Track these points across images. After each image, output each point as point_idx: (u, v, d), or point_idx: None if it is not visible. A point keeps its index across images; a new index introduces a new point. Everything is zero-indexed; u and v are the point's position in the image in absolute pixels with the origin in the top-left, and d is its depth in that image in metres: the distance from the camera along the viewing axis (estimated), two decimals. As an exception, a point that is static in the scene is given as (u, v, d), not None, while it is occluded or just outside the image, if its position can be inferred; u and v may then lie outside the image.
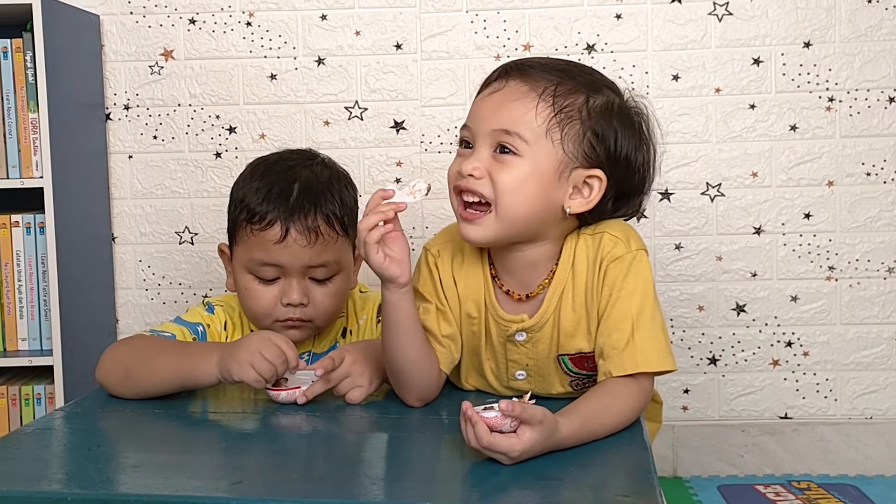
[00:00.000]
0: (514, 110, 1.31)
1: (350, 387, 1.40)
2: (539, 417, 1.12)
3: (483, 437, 1.10)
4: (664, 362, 1.32)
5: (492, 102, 1.34)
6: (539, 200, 1.32)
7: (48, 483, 1.08)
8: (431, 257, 1.44)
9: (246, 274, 1.53)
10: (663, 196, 2.22)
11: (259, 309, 1.53)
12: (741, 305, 2.24)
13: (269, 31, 2.22)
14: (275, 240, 1.48)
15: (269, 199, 1.50)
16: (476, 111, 1.36)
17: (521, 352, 1.41)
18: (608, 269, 1.35)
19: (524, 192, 1.31)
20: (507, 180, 1.30)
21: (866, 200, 2.21)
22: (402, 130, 2.23)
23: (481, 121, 1.33)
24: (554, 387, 1.44)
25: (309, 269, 1.51)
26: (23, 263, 2.04)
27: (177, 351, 1.44)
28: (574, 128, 1.32)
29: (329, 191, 1.53)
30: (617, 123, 1.35)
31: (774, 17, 2.18)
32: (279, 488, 1.05)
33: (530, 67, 1.35)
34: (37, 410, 2.03)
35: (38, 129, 2.00)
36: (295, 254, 1.49)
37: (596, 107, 1.34)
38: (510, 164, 1.30)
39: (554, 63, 1.37)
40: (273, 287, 1.52)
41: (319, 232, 1.49)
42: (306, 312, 1.52)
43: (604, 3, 2.18)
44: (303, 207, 1.49)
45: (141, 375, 1.42)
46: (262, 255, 1.50)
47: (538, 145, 1.30)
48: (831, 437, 2.24)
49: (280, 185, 1.51)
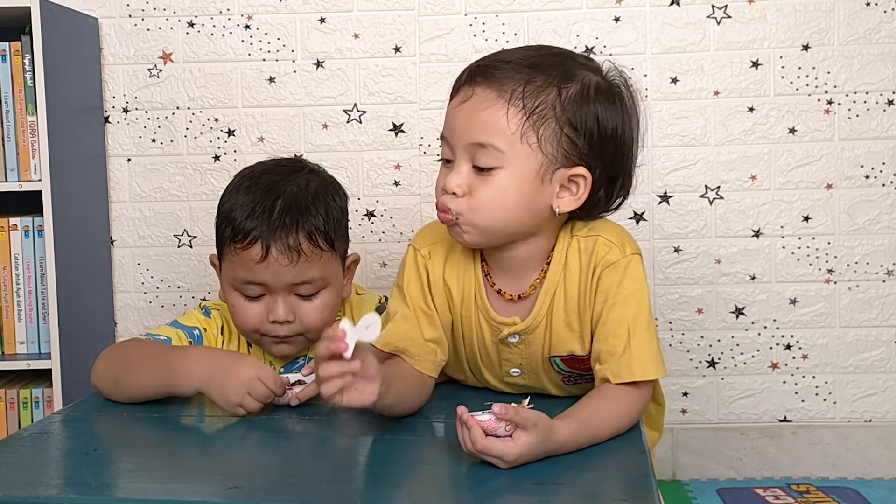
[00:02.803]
0: (485, 120, 1.27)
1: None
2: (533, 421, 1.12)
3: (478, 441, 1.09)
4: (657, 370, 1.32)
5: (463, 114, 1.29)
6: (523, 208, 1.30)
7: (45, 488, 1.08)
8: (421, 258, 1.41)
9: (232, 290, 1.52)
10: (662, 199, 2.22)
11: (246, 325, 1.52)
12: (740, 308, 2.23)
13: (268, 34, 2.22)
14: (256, 259, 1.46)
15: (252, 216, 1.47)
16: (450, 123, 1.32)
17: (515, 352, 1.41)
18: (603, 275, 1.34)
19: (506, 203, 1.29)
20: (488, 196, 1.28)
21: (865, 203, 2.21)
22: (400, 133, 2.23)
23: (457, 134, 1.30)
24: (547, 383, 1.44)
25: (293, 287, 1.49)
26: (21, 266, 2.04)
27: (162, 366, 1.40)
28: (549, 127, 1.27)
29: (314, 204, 1.50)
30: (596, 105, 1.30)
31: (773, 20, 2.18)
32: (275, 493, 1.05)
33: (496, 69, 1.29)
34: (35, 414, 2.03)
35: (36, 132, 2.00)
36: (277, 272, 1.47)
37: (570, 97, 1.29)
38: (490, 177, 1.28)
39: (523, 57, 1.31)
40: (259, 304, 1.50)
41: (301, 250, 1.46)
42: (293, 328, 1.50)
43: (602, 6, 2.18)
44: (284, 225, 1.46)
45: (129, 386, 1.42)
46: (245, 273, 1.48)
47: (515, 152, 1.27)
48: (830, 441, 2.24)
49: (263, 202, 1.48)
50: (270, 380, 1.35)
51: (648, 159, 2.20)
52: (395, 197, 2.24)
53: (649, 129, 2.20)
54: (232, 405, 1.35)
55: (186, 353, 1.43)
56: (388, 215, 2.24)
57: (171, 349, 1.46)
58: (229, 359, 1.39)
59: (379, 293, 1.74)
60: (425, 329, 1.38)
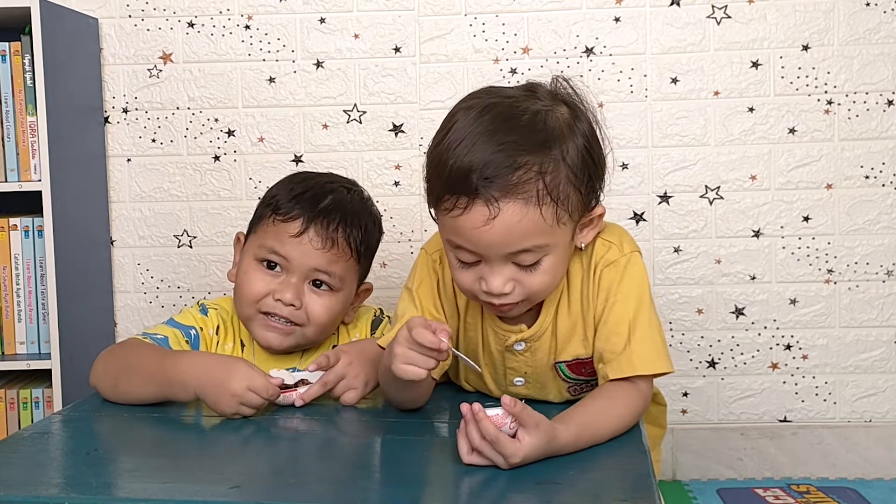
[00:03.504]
0: (521, 230, 1.22)
1: (345, 389, 1.41)
2: (536, 421, 1.12)
3: (490, 432, 1.09)
4: (661, 364, 1.32)
5: (495, 232, 1.22)
6: (565, 266, 1.33)
7: (45, 488, 1.08)
8: (432, 262, 1.43)
9: (252, 259, 1.54)
10: (662, 199, 2.22)
11: (250, 295, 1.52)
12: (740, 308, 2.23)
13: (268, 35, 2.22)
14: (293, 233, 1.49)
15: (300, 199, 1.52)
16: (475, 239, 1.23)
17: (520, 360, 1.40)
18: (603, 274, 1.34)
19: (556, 276, 1.31)
20: (541, 281, 1.28)
21: (865, 203, 2.21)
22: (400, 133, 2.23)
23: (491, 250, 1.24)
24: (551, 393, 1.43)
25: (313, 272, 1.51)
26: (21, 267, 2.04)
27: (157, 375, 1.40)
28: (570, 197, 1.25)
29: (358, 215, 1.55)
30: (583, 139, 1.27)
31: (773, 20, 2.18)
32: (276, 492, 1.05)
33: (504, 177, 1.20)
34: (35, 414, 2.03)
35: (36, 132, 2.00)
36: (306, 252, 1.49)
37: (572, 158, 1.25)
38: (536, 267, 1.27)
39: (505, 144, 1.21)
40: (272, 279, 1.52)
41: (336, 242, 1.50)
42: (296, 316, 1.51)
43: (602, 6, 2.18)
44: (329, 214, 1.51)
45: (127, 392, 1.43)
46: (274, 243, 1.51)
47: (555, 237, 1.26)
48: (830, 441, 2.24)
49: (314, 191, 1.54)
50: (262, 389, 1.35)
51: (648, 159, 2.20)
52: (395, 197, 2.24)
53: (649, 129, 2.20)
54: (226, 415, 1.36)
55: (179, 362, 1.40)
56: (388, 215, 2.24)
57: (165, 356, 1.43)
58: (220, 369, 1.37)
59: (379, 296, 1.74)
60: None
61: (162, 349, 1.48)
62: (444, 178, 1.23)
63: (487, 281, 1.26)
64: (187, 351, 1.51)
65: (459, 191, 1.21)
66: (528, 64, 2.19)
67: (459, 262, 1.29)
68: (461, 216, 1.22)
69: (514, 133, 1.22)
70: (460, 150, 1.22)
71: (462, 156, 1.21)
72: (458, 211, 1.22)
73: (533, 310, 1.38)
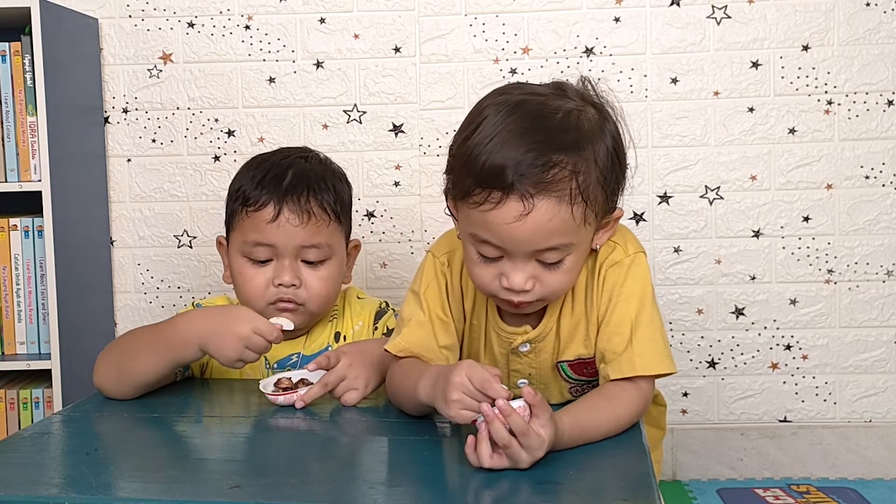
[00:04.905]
0: (551, 228, 1.22)
1: (346, 389, 1.41)
2: (549, 412, 1.13)
3: (520, 425, 1.07)
4: (663, 365, 1.31)
5: (526, 229, 1.21)
6: (581, 268, 1.33)
7: (45, 488, 1.08)
8: (440, 265, 1.42)
9: (240, 258, 1.55)
10: (662, 199, 2.22)
11: (252, 292, 1.54)
12: (740, 309, 2.23)
13: (268, 35, 2.22)
14: (268, 219, 1.50)
15: (263, 183, 1.53)
16: (504, 235, 1.23)
17: (524, 362, 1.40)
18: (607, 274, 1.34)
19: (574, 276, 1.31)
20: (561, 279, 1.29)
21: (865, 203, 2.21)
22: (400, 134, 2.23)
23: (518, 244, 1.24)
24: (553, 394, 1.43)
25: (301, 250, 1.53)
26: (21, 267, 2.04)
27: (156, 343, 1.42)
28: (598, 198, 1.25)
29: (323, 180, 1.56)
30: (615, 148, 1.28)
31: (773, 21, 2.18)
32: (277, 492, 1.05)
33: (539, 174, 1.19)
34: (35, 414, 2.03)
35: (36, 132, 2.00)
36: (287, 233, 1.51)
37: (600, 158, 1.25)
38: (560, 266, 1.28)
39: (539, 142, 1.20)
40: (266, 269, 1.53)
41: (312, 213, 1.52)
42: (298, 295, 1.53)
43: (602, 7, 2.18)
44: (296, 189, 1.52)
45: (131, 375, 1.43)
46: (255, 235, 1.52)
47: (579, 237, 1.26)
48: (830, 441, 2.24)
49: (274, 172, 1.55)
50: (267, 332, 1.38)
51: (648, 159, 2.20)
52: (395, 197, 2.24)
53: (650, 129, 2.20)
54: (230, 361, 1.38)
55: (177, 323, 1.43)
56: (389, 216, 2.24)
57: (160, 325, 1.46)
58: (224, 315, 1.41)
59: (379, 296, 1.74)
60: (440, 335, 1.38)
61: (155, 323, 1.50)
62: (476, 173, 1.21)
63: (509, 277, 1.26)
64: (182, 312, 1.52)
65: (493, 185, 1.20)
66: (528, 64, 2.19)
67: (481, 256, 1.29)
68: (492, 210, 1.21)
69: (548, 131, 1.22)
70: (493, 145, 1.21)
71: (496, 151, 1.20)
72: (489, 205, 1.21)
73: (538, 311, 1.38)
